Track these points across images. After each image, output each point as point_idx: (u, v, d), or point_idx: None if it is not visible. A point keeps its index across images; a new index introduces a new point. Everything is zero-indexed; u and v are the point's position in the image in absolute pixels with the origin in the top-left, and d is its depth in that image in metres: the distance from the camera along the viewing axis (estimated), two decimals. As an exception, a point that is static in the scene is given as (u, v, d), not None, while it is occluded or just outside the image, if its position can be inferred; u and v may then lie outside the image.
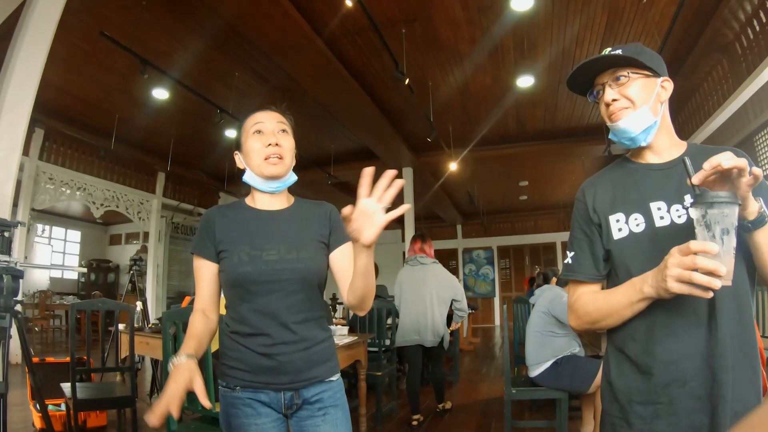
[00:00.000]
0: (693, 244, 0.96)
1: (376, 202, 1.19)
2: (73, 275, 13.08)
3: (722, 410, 1.09)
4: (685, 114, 7.11)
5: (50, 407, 3.91)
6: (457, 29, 5.44)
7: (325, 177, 9.21)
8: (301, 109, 6.99)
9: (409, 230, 9.87)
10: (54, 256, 12.71)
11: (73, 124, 7.63)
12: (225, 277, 1.47)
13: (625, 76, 1.23)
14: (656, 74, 1.25)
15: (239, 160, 1.58)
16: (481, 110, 7.38)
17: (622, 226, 1.25)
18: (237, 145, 1.58)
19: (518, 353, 4.88)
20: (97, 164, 8.35)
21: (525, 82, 6.51)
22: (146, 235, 9.86)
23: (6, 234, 1.73)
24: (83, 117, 7.53)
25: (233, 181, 10.51)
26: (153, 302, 9.67)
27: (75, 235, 13.65)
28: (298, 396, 1.48)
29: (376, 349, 5.14)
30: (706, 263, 0.93)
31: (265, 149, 1.48)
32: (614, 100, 1.24)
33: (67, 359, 3.41)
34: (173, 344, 2.71)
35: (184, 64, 5.84)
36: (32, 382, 2.03)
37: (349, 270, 1.48)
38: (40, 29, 2.46)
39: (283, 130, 1.53)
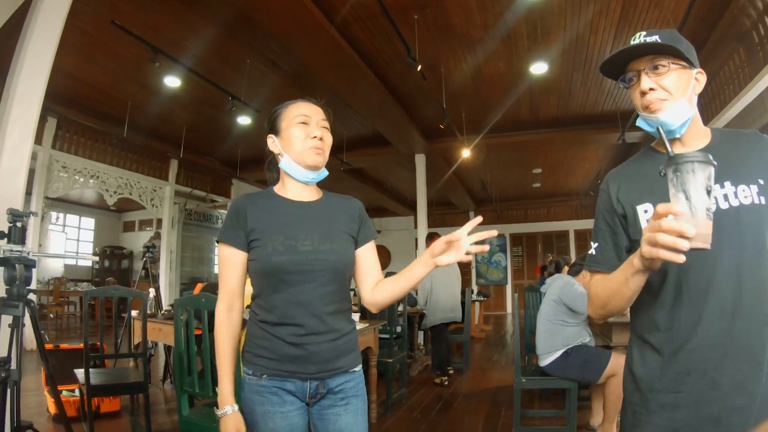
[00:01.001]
0: (659, 207, 0.95)
1: (468, 242, 1.37)
2: (87, 262, 13.24)
3: (742, 403, 1.10)
4: (702, 102, 6.98)
5: (64, 393, 3.99)
6: (469, 15, 5.38)
7: (338, 163, 9.20)
8: (313, 95, 6.93)
9: (422, 217, 9.84)
10: (68, 244, 12.86)
11: (85, 112, 7.66)
12: (257, 266, 1.47)
13: (664, 66, 1.20)
14: (692, 65, 1.22)
15: (273, 143, 1.59)
16: (494, 97, 7.31)
17: (650, 217, 1.23)
18: (272, 128, 1.59)
19: (529, 342, 4.87)
20: (110, 152, 8.40)
21: (538, 68, 6.43)
22: (159, 221, 9.94)
23: (19, 224, 1.75)
24: (95, 105, 7.56)
25: (246, 167, 10.53)
26: (166, 288, 9.78)
27: (89, 223, 13.80)
28: (323, 385, 1.50)
29: (386, 336, 5.17)
30: (672, 225, 0.91)
31: (310, 140, 1.51)
32: (651, 89, 1.20)
33: (81, 346, 3.46)
34: (185, 331, 2.74)
35: (195, 51, 5.83)
36: (46, 369, 2.06)
37: (373, 267, 1.62)
38: (50, 18, 2.46)
39: (326, 127, 1.57)
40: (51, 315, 8.88)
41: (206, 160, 10.19)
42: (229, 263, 1.50)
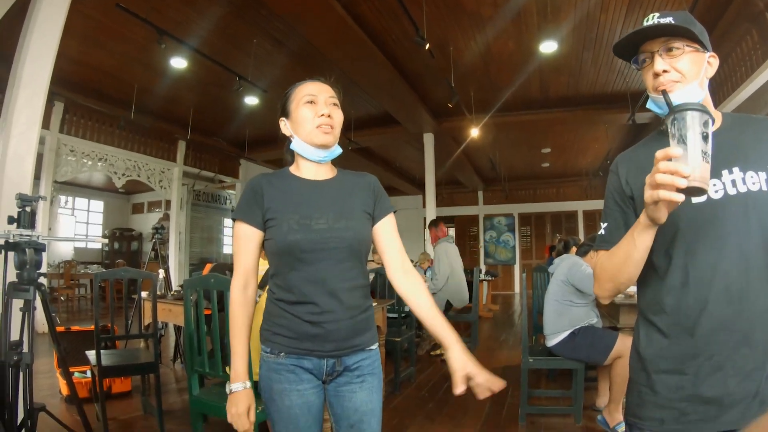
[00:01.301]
0: (658, 152, 0.98)
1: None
2: (96, 245, 13.35)
3: (746, 387, 1.12)
4: (713, 84, 6.81)
5: (76, 374, 4.05)
6: (478, -8, 5.29)
7: (346, 142, 9.16)
8: (321, 75, 6.88)
9: (430, 196, 9.83)
10: (78, 227, 12.97)
11: (92, 95, 7.66)
12: (272, 245, 1.49)
13: (678, 48, 1.18)
14: (705, 49, 1.21)
15: (285, 127, 1.59)
16: (504, 76, 7.22)
17: None
18: (283, 111, 1.59)
19: (537, 323, 4.89)
20: (118, 135, 8.39)
21: (548, 47, 6.34)
22: (168, 203, 9.97)
23: (28, 208, 1.76)
24: (102, 88, 7.55)
25: (254, 147, 10.52)
26: (175, 269, 9.85)
27: (98, 205, 13.87)
28: (340, 363, 1.52)
29: (395, 316, 5.20)
30: (669, 165, 0.96)
31: (318, 119, 1.51)
32: (665, 71, 1.18)
33: (92, 327, 3.50)
34: (195, 311, 2.77)
35: (201, 32, 5.79)
36: (57, 352, 2.09)
37: (392, 243, 1.61)
38: (54, 3, 2.44)
39: (335, 104, 1.56)
40: (62, 298, 8.97)
41: (214, 141, 10.18)
42: (245, 241, 1.52)
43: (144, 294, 4.22)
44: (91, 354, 3.48)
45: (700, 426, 1.16)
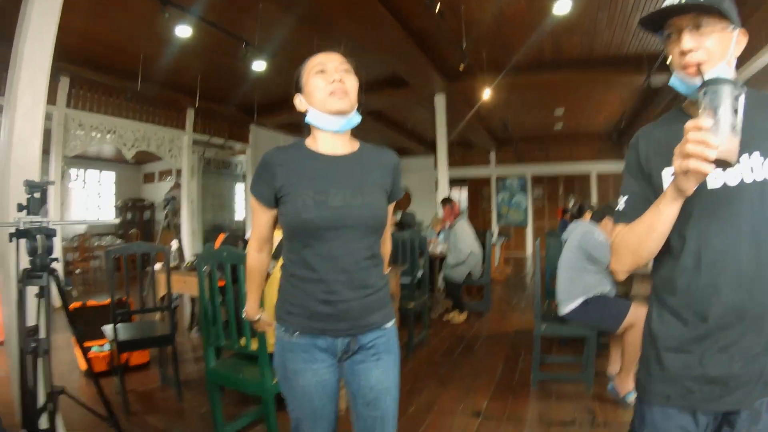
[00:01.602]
0: (688, 123, 0.99)
1: None
2: (110, 216, 13.44)
3: (751, 371, 1.15)
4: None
5: (94, 348, 4.13)
6: (490, -50, 5.10)
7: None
8: (328, 38, 6.77)
9: (442, 158, 9.72)
10: (90, 199, 13.04)
11: (97, 69, 7.54)
12: (287, 222, 1.48)
13: (708, 26, 1.13)
14: (734, 26, 1.16)
15: (300, 102, 1.56)
16: (516, 36, 7.01)
17: None
18: (297, 87, 1.56)
19: (549, 287, 4.88)
20: (125, 106, 8.31)
21: (562, 7, 6.10)
22: (179, 171, 9.95)
23: (36, 194, 1.75)
24: (107, 61, 7.44)
25: (263, 113, 10.42)
26: (189, 237, 9.90)
27: (109, 177, 13.89)
28: (355, 342, 1.52)
29: (407, 281, 5.24)
30: (697, 135, 0.97)
31: (330, 85, 1.47)
32: (691, 50, 1.14)
33: (108, 302, 3.55)
34: (209, 282, 2.79)
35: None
36: (74, 335, 2.12)
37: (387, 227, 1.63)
38: (45, 14, 2.34)
39: (346, 69, 1.52)
40: (77, 271, 9.10)
41: (223, 108, 10.06)
42: (258, 216, 1.58)
43: (158, 266, 4.26)
44: (108, 329, 3.54)
45: (704, 405, 1.20)
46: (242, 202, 12.92)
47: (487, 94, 8.15)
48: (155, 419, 3.34)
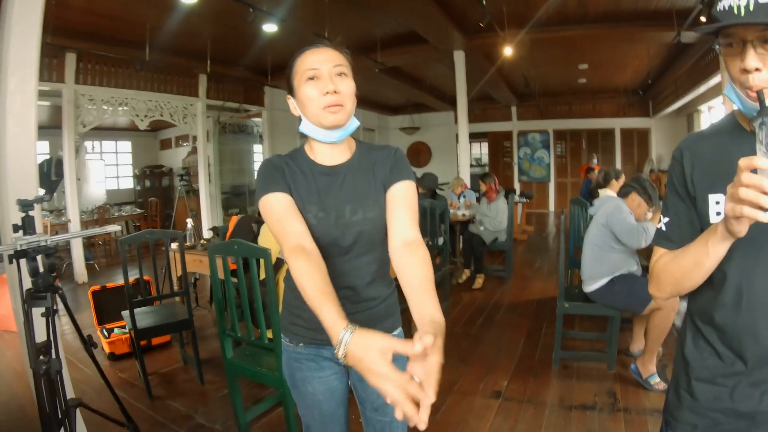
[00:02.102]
0: (741, 160, 0.86)
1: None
2: (128, 184, 13.52)
3: None
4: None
5: (116, 330, 4.18)
6: None
7: (373, 64, 8.79)
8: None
9: (462, 114, 9.50)
10: (107, 170, 13.08)
11: (104, 42, 7.37)
12: None
13: None
14: None
15: (293, 106, 1.42)
16: (538, -10, 6.67)
17: (721, 209, 1.08)
18: (289, 89, 1.41)
19: (572, 255, 4.78)
20: (136, 77, 8.17)
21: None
22: (195, 138, 9.89)
23: (31, 212, 1.68)
24: (113, 33, 7.27)
25: (277, 74, 10.23)
26: (207, 202, 9.95)
27: (126, 146, 13.87)
28: None
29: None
30: (752, 179, 0.83)
31: (323, 98, 1.32)
32: (757, 69, 0.96)
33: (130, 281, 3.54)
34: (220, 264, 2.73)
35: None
36: (87, 350, 2.09)
37: (402, 211, 1.35)
38: None
39: (341, 73, 1.35)
40: (99, 242, 9.21)
41: (236, 71, 9.88)
42: (284, 209, 1.30)
43: (174, 246, 4.24)
44: (126, 315, 3.55)
45: None
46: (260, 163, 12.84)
47: (508, 51, 7.84)
48: (177, 403, 3.37)
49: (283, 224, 1.27)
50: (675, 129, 12.97)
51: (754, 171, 0.84)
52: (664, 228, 1.22)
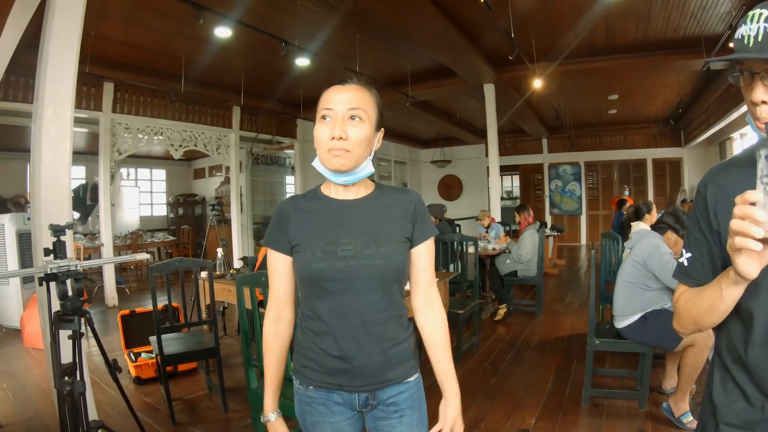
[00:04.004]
0: (737, 197, 0.87)
1: None
2: (162, 211, 13.84)
3: None
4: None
5: (143, 355, 4.22)
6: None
7: (403, 98, 8.90)
8: (371, 32, 6.66)
9: (493, 147, 9.54)
10: (142, 197, 13.44)
11: (140, 73, 7.68)
12: (298, 273, 1.40)
13: None
14: None
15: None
16: (566, 22, 6.68)
17: None
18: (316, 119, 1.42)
19: (604, 291, 4.67)
20: (171, 107, 8.44)
21: (612, -7, 5.78)
22: (228, 168, 10.10)
23: (62, 237, 1.73)
24: (149, 65, 7.56)
25: (309, 107, 10.43)
26: (238, 232, 10.10)
27: (160, 174, 14.27)
28: (373, 397, 1.43)
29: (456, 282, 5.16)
30: (743, 209, 0.85)
31: (329, 142, 1.31)
32: (764, 102, 0.96)
33: (159, 307, 3.59)
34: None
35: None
36: (111, 374, 2.12)
37: (424, 273, 1.49)
38: (68, 15, 2.30)
39: (355, 117, 1.33)
40: (131, 267, 9.41)
41: (268, 104, 10.12)
42: (276, 269, 1.44)
43: (203, 275, 4.28)
44: (153, 341, 3.59)
45: None
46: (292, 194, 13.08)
47: (537, 84, 7.87)
48: (200, 430, 3.36)
49: (272, 282, 1.47)
50: (707, 158, 12.71)
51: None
52: (686, 263, 1.18)
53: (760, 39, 0.93)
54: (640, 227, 4.13)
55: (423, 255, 1.47)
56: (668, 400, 3.28)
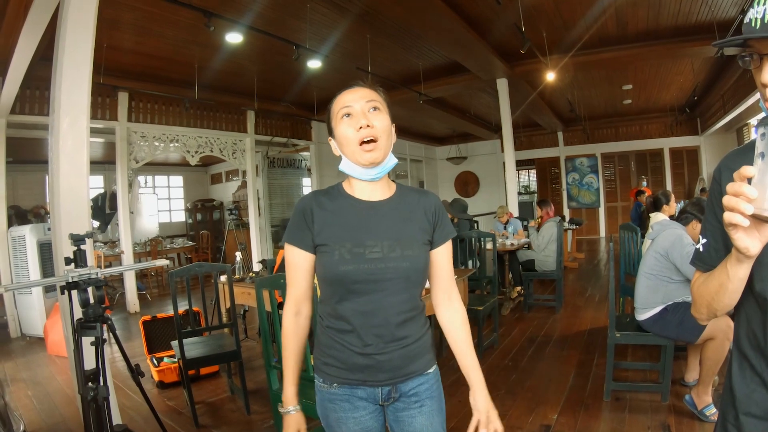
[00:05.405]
0: (735, 173, 0.88)
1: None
2: (180, 217, 14.01)
3: None
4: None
5: (165, 359, 4.28)
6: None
7: (416, 96, 8.88)
8: (382, 31, 6.68)
9: (508, 142, 9.48)
10: (160, 203, 13.62)
11: (154, 81, 7.78)
12: (323, 273, 1.42)
13: None
14: None
15: (334, 147, 1.47)
16: (576, 13, 6.61)
17: None
18: (329, 130, 1.48)
19: (624, 283, 4.62)
20: (185, 114, 8.52)
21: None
22: (244, 172, 10.18)
23: (83, 246, 1.77)
24: (162, 73, 7.65)
25: (323, 108, 10.43)
26: (256, 235, 10.18)
27: (177, 180, 14.45)
28: (395, 390, 1.47)
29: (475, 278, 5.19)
30: (734, 186, 0.87)
31: (358, 133, 1.37)
32: None
33: (180, 312, 3.64)
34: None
35: (250, 4, 5.65)
36: (134, 379, 2.16)
37: (444, 271, 1.54)
38: (80, 27, 2.35)
39: (374, 108, 1.40)
40: (152, 273, 9.53)
41: (282, 107, 10.18)
42: (296, 266, 1.46)
43: (222, 279, 4.33)
44: (175, 345, 3.64)
45: None
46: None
47: (550, 77, 7.81)
48: (223, 433, 3.40)
49: (291, 279, 1.48)
50: (725, 145, 12.48)
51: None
52: (701, 249, 1.19)
53: (766, 20, 0.92)
54: (659, 218, 4.07)
55: (443, 255, 1.52)
56: (690, 392, 3.24)
